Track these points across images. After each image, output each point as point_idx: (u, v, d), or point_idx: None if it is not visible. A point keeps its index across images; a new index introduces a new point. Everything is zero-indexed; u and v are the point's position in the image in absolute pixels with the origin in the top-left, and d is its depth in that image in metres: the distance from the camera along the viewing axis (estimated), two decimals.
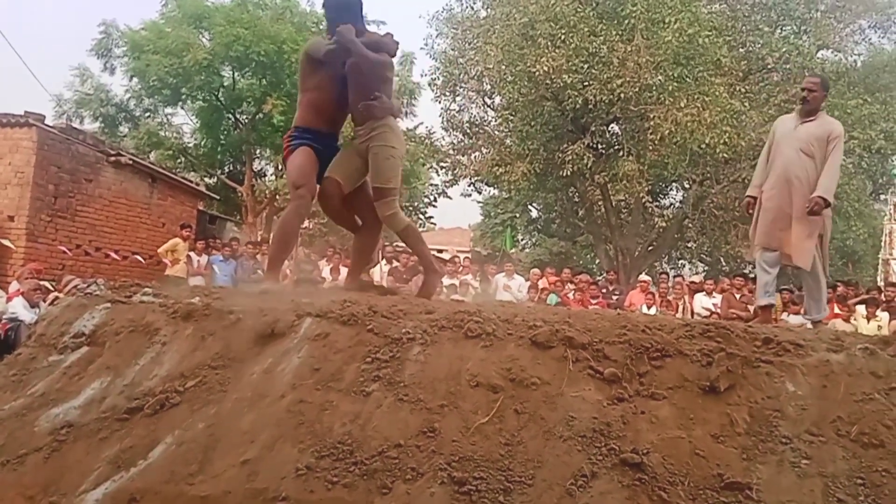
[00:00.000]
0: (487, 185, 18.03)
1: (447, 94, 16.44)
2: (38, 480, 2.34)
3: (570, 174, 14.53)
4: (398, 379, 2.45)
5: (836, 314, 8.78)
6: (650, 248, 17.00)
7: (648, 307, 9.98)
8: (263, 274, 4.30)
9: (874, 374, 2.47)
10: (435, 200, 20.96)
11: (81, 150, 11.88)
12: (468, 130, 17.09)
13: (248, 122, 16.85)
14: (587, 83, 13.45)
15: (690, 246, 19.32)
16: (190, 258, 10.93)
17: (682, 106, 12.78)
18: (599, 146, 15.50)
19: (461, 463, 2.19)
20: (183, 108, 17.40)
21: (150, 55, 14.98)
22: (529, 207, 21.43)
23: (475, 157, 16.91)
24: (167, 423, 2.44)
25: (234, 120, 17.29)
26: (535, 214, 22.13)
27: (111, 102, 16.88)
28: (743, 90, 14.01)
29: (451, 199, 19.96)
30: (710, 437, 2.28)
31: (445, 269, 11.48)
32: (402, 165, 4.12)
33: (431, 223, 23.00)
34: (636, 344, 2.55)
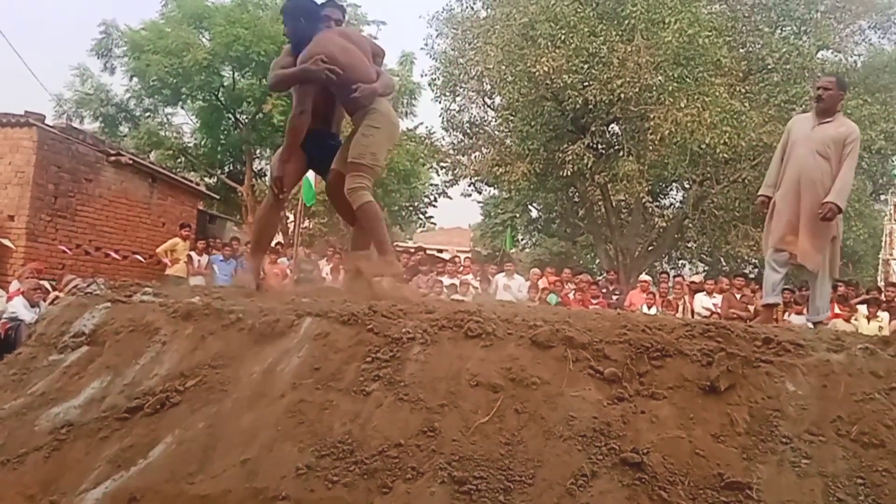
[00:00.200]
0: (487, 185, 18.05)
1: (447, 94, 16.46)
2: (38, 479, 2.34)
3: (570, 174, 14.54)
4: (398, 378, 2.45)
5: (836, 314, 8.78)
6: (650, 248, 17.01)
7: (649, 307, 9.98)
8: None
9: (874, 373, 2.47)
10: (435, 200, 20.96)
11: (81, 149, 11.89)
12: (468, 130, 17.10)
13: (248, 121, 16.84)
14: (587, 83, 13.46)
15: (690, 246, 19.33)
16: (190, 258, 10.94)
17: (682, 106, 12.78)
18: (599, 146, 15.51)
19: (461, 462, 2.19)
20: (183, 107, 17.41)
21: (150, 55, 14.98)
22: (529, 207, 21.44)
23: (475, 157, 16.93)
24: (167, 422, 2.44)
25: (234, 120, 17.28)
26: (535, 214, 22.15)
27: (111, 102, 16.89)
28: (743, 90, 14.01)
29: (451, 199, 19.97)
30: (710, 436, 2.28)
31: (441, 269, 11.48)
32: (385, 144, 4.03)
33: (431, 223, 22.98)
34: (636, 344, 2.55)
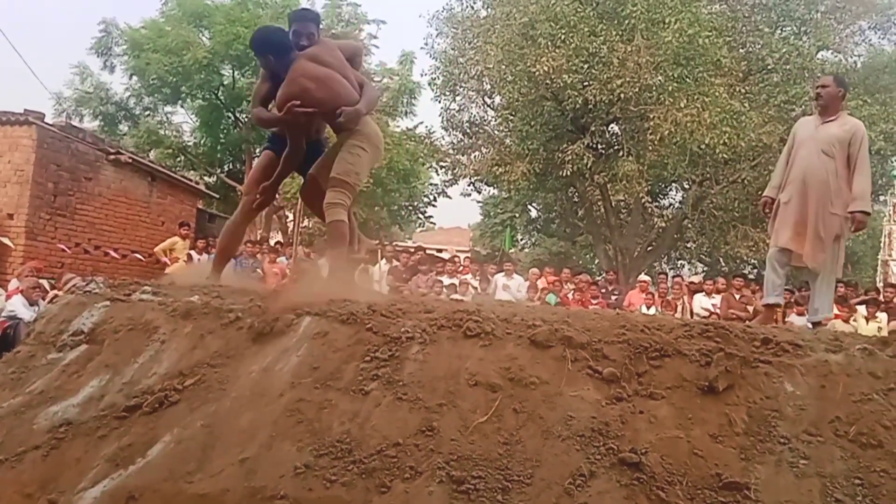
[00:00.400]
0: (487, 184, 18.03)
1: (447, 93, 16.45)
2: (36, 478, 2.34)
3: (569, 174, 14.54)
4: (397, 378, 2.45)
5: (836, 315, 8.78)
6: (649, 248, 17.01)
7: (648, 307, 9.98)
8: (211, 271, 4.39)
9: (872, 374, 2.47)
10: (434, 200, 20.95)
11: (81, 148, 11.88)
12: (468, 130, 17.10)
13: (247, 120, 16.84)
14: (587, 83, 13.45)
15: (690, 246, 19.32)
16: (190, 256, 10.93)
17: (681, 106, 12.77)
18: (599, 146, 15.50)
19: (460, 462, 2.19)
20: (183, 106, 17.41)
21: (150, 53, 14.98)
22: (529, 207, 21.43)
23: (475, 156, 16.92)
24: (166, 421, 2.44)
25: (233, 119, 17.28)
26: (534, 214, 22.13)
27: (111, 101, 16.89)
28: (743, 91, 14.01)
29: (450, 198, 19.94)
30: (708, 436, 2.29)
31: (440, 269, 11.47)
32: (368, 166, 4.13)
33: (431, 223, 22.99)
34: (635, 344, 2.55)
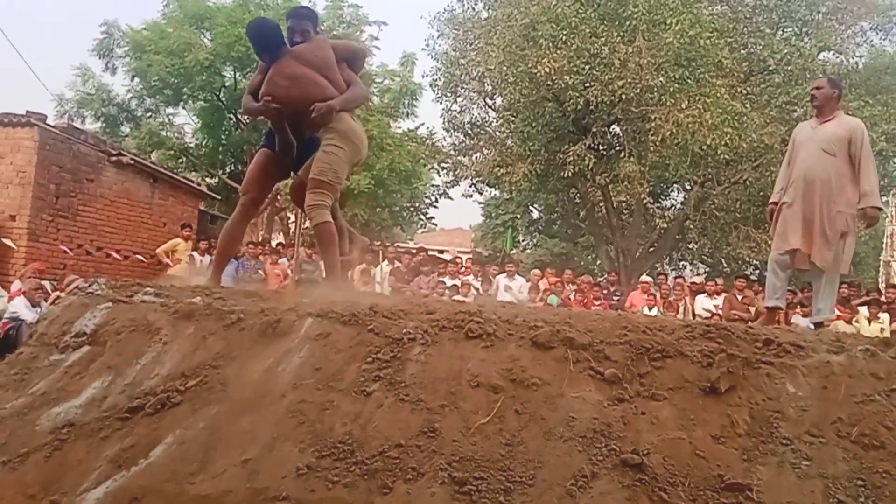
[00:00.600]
0: (489, 185, 18.04)
1: (448, 94, 16.47)
2: (39, 479, 2.35)
3: (571, 175, 14.54)
4: (399, 379, 2.45)
5: (838, 316, 8.77)
6: (651, 249, 17.00)
7: (650, 308, 9.98)
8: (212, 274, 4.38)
9: (875, 375, 2.46)
10: (436, 201, 20.98)
11: (83, 149, 11.90)
12: (469, 131, 17.11)
13: (249, 122, 16.86)
14: (588, 84, 13.46)
15: (691, 247, 19.31)
16: (193, 258, 10.94)
17: (683, 107, 12.78)
18: (601, 147, 15.50)
19: (462, 463, 2.19)
20: (184, 108, 17.45)
21: (151, 55, 15.02)
22: (530, 208, 21.43)
23: (476, 157, 16.92)
24: (168, 422, 2.44)
25: (235, 120, 17.31)
26: (536, 215, 22.12)
27: (113, 102, 16.93)
28: (744, 92, 14.01)
29: (452, 199, 19.95)
30: (710, 437, 2.28)
31: (442, 270, 11.48)
32: (346, 162, 4.10)
33: (433, 224, 23.00)
34: (637, 345, 2.55)
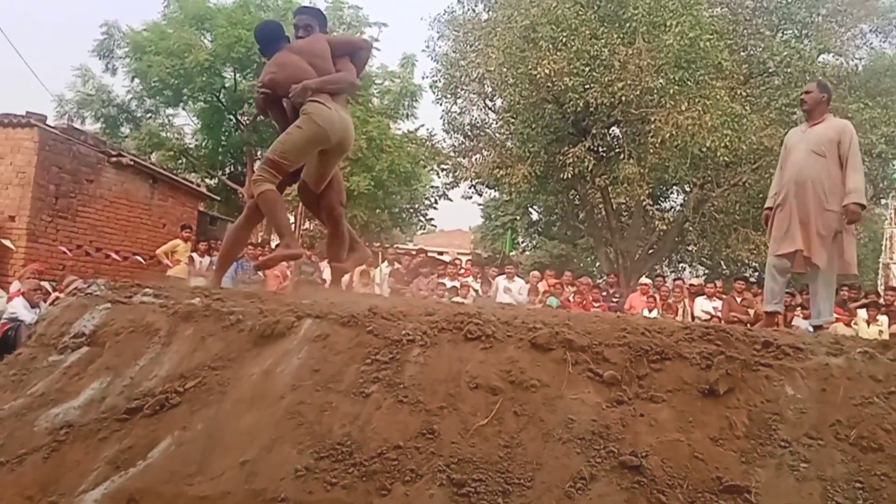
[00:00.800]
0: (488, 187, 18.03)
1: (448, 96, 16.46)
2: (37, 480, 2.34)
3: (570, 177, 14.54)
4: (398, 380, 2.45)
5: (837, 318, 8.77)
6: (650, 251, 16.99)
7: (649, 310, 9.98)
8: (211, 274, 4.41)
9: (873, 377, 2.46)
10: (436, 202, 20.93)
11: (83, 150, 11.90)
12: (469, 133, 17.11)
13: (249, 123, 16.87)
14: (588, 86, 13.46)
15: (691, 249, 19.30)
16: (192, 259, 10.94)
17: (682, 109, 12.78)
18: (600, 149, 15.50)
19: (460, 465, 2.19)
20: (184, 109, 17.46)
21: (151, 56, 15.02)
22: (530, 210, 21.42)
23: (476, 159, 16.92)
24: (167, 423, 2.44)
25: (235, 121, 17.32)
26: (535, 217, 22.11)
27: (113, 103, 16.93)
28: (744, 94, 14.01)
29: (451, 201, 19.86)
30: (709, 440, 2.28)
31: (441, 271, 11.48)
32: (303, 143, 4.00)
33: (432, 225, 22.94)
34: (635, 347, 2.55)
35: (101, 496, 2.23)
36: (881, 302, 9.85)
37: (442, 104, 16.63)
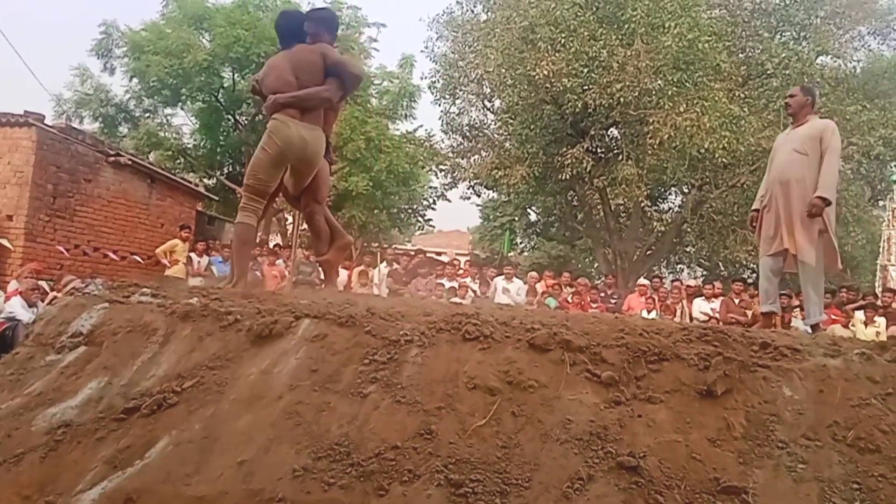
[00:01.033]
0: (486, 188, 18.05)
1: (447, 96, 16.48)
2: (34, 480, 2.34)
3: (569, 178, 14.56)
4: (396, 381, 2.45)
5: (834, 320, 8.79)
6: (649, 252, 17.01)
7: (648, 311, 9.98)
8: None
9: (871, 379, 2.47)
10: (434, 203, 20.92)
11: (81, 150, 11.87)
12: (468, 133, 17.13)
13: (247, 123, 16.85)
14: (587, 87, 13.48)
15: (689, 250, 19.32)
16: (190, 259, 10.93)
17: (681, 111, 12.80)
18: (599, 150, 15.52)
19: (458, 465, 2.19)
20: (183, 108, 17.42)
21: (150, 56, 14.99)
22: (528, 211, 21.43)
23: (474, 160, 16.94)
24: (164, 423, 2.44)
25: (233, 121, 17.30)
26: (533, 218, 22.12)
27: (111, 103, 16.89)
28: (742, 95, 14.03)
29: (450, 201, 19.86)
30: (706, 440, 2.29)
31: (440, 272, 11.48)
32: (267, 163, 4.03)
33: (430, 226, 22.94)
34: (633, 347, 2.55)
35: (98, 496, 2.22)
36: (878, 303, 9.87)
37: (440, 105, 16.68)
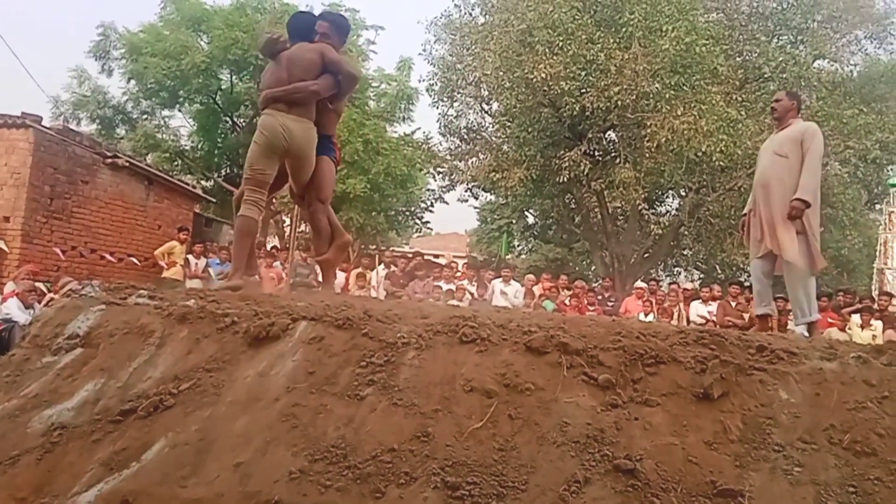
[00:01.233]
0: (484, 190, 18.05)
1: (445, 99, 16.48)
2: (30, 482, 2.33)
3: (566, 181, 14.55)
4: (392, 383, 2.45)
5: (831, 323, 8.80)
6: (646, 255, 17.02)
7: (645, 314, 9.99)
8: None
9: (867, 382, 2.47)
10: (432, 205, 20.92)
11: (78, 151, 11.85)
12: (465, 136, 17.13)
13: (245, 125, 16.85)
14: (584, 90, 13.49)
15: (686, 253, 19.32)
16: (188, 261, 10.92)
17: (678, 114, 12.82)
18: (596, 153, 15.53)
19: (454, 468, 2.19)
20: (180, 110, 17.42)
21: (148, 57, 15.00)
22: (526, 213, 21.41)
23: (472, 162, 16.94)
24: (161, 425, 2.43)
25: (231, 123, 17.30)
26: (531, 220, 22.11)
27: (108, 104, 16.89)
28: (739, 99, 14.06)
29: (447, 204, 19.84)
30: (703, 443, 2.29)
31: (437, 274, 11.48)
32: (259, 154, 4.17)
33: (428, 228, 22.92)
34: (630, 350, 2.55)
35: (94, 498, 2.22)
36: (875, 307, 9.89)
37: (438, 107, 16.67)
